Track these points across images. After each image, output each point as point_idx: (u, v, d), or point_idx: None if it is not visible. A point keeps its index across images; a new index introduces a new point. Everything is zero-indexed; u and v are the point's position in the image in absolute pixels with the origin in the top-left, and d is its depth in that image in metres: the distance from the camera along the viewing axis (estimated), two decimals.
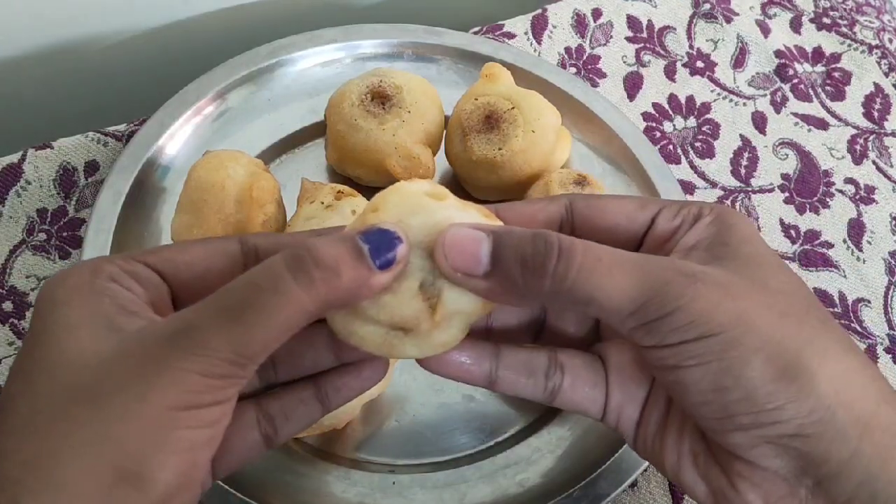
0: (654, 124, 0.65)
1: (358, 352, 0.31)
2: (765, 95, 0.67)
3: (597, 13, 0.69)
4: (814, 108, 0.67)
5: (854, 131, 0.67)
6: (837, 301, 0.58)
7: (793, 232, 0.61)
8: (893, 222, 0.63)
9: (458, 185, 0.57)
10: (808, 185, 0.63)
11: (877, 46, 0.70)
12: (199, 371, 0.25)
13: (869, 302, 0.59)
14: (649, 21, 0.70)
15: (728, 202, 0.62)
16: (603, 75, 0.66)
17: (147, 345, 0.26)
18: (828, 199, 0.63)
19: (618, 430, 0.34)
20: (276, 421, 0.32)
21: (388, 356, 0.31)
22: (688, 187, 0.62)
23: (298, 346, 0.32)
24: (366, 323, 0.29)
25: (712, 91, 0.67)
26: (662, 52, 0.68)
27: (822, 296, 0.59)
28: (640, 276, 0.28)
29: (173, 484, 0.25)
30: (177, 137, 0.55)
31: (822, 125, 0.66)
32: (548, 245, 0.28)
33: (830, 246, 0.61)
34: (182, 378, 0.25)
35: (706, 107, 0.66)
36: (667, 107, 0.66)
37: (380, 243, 0.28)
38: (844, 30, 0.71)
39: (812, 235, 0.61)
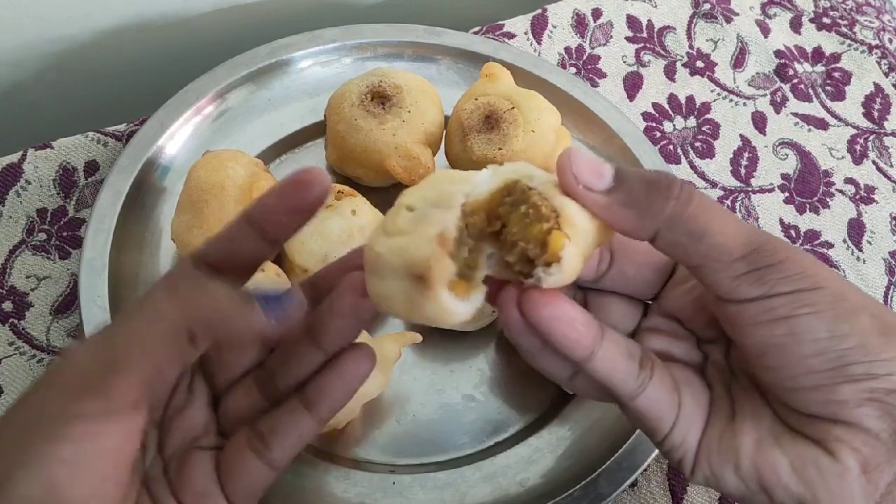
0: (654, 124, 0.65)
1: (336, 336, 0.31)
2: (765, 95, 0.67)
3: (597, 13, 0.69)
4: (814, 108, 0.67)
5: (854, 131, 0.67)
6: None
7: (793, 232, 0.61)
8: (893, 222, 0.63)
9: None
10: (808, 185, 0.63)
11: (877, 46, 0.70)
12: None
13: None
14: (649, 21, 0.70)
15: (728, 202, 0.62)
16: (603, 75, 0.66)
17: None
18: (828, 199, 0.63)
19: (681, 448, 0.31)
20: (267, 437, 0.32)
21: (425, 318, 0.28)
22: None
23: (285, 354, 0.33)
24: (384, 278, 0.28)
25: (712, 91, 0.67)
26: (662, 52, 0.68)
27: None
28: (749, 230, 0.29)
29: None
30: (177, 137, 0.55)
31: (822, 125, 0.66)
32: (670, 177, 0.29)
33: (830, 246, 0.61)
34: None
35: (706, 107, 0.66)
36: (667, 107, 0.66)
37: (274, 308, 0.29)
38: (844, 30, 0.71)
39: (812, 235, 0.61)
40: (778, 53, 0.69)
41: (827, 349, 0.28)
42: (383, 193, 0.55)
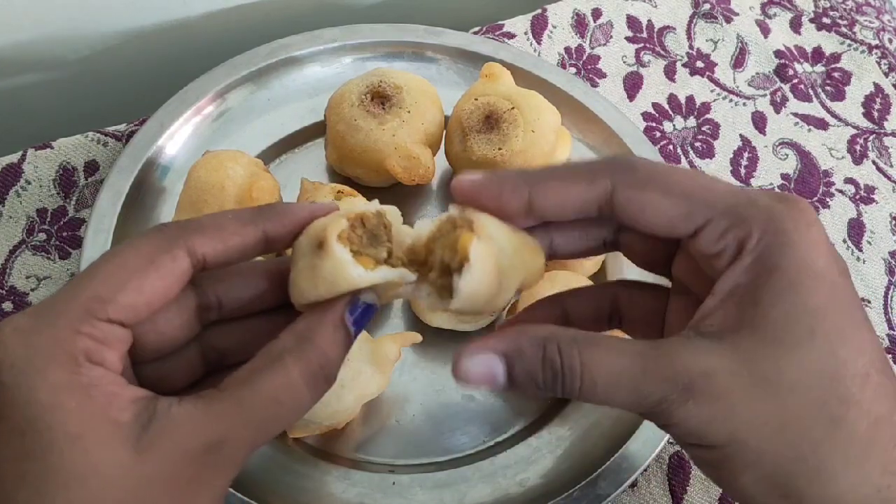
0: (654, 124, 0.65)
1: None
2: (765, 95, 0.67)
3: (597, 13, 0.69)
4: (814, 108, 0.67)
5: (854, 131, 0.67)
6: None
7: None
8: (893, 222, 0.63)
9: None
10: (808, 185, 0.63)
11: (877, 46, 0.70)
12: (229, 481, 0.27)
13: (869, 302, 0.59)
14: (649, 21, 0.70)
15: None
16: (603, 75, 0.66)
17: (176, 464, 0.26)
18: (828, 199, 0.63)
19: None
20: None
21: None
22: None
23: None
24: (296, 264, 0.30)
25: (712, 91, 0.67)
26: (662, 52, 0.68)
27: None
28: (635, 396, 0.28)
29: None
30: (177, 137, 0.55)
31: (821, 125, 0.66)
32: (554, 373, 0.29)
33: None
34: (218, 493, 0.27)
35: (706, 107, 0.66)
36: (667, 107, 0.66)
37: (362, 318, 0.30)
38: (844, 30, 0.71)
39: None
40: (778, 53, 0.69)
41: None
42: (383, 193, 0.55)
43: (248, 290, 0.32)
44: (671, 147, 0.64)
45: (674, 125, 0.65)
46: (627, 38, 0.68)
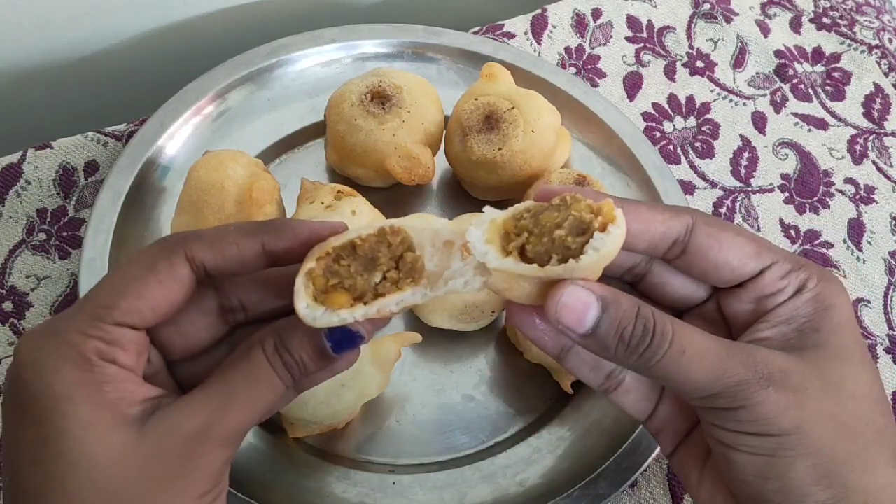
0: (654, 124, 0.65)
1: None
2: (765, 95, 0.67)
3: (597, 13, 0.69)
4: (814, 108, 0.67)
5: (854, 131, 0.67)
6: None
7: (793, 232, 0.61)
8: (893, 222, 0.63)
9: (458, 185, 0.57)
10: (807, 185, 0.63)
11: (877, 46, 0.70)
12: (223, 459, 0.30)
13: (869, 302, 0.59)
14: (649, 21, 0.70)
15: (728, 202, 0.62)
16: (603, 75, 0.66)
17: (172, 445, 0.29)
18: (828, 199, 0.63)
19: (658, 435, 0.37)
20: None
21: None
22: (688, 187, 0.62)
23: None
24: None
25: (712, 91, 0.67)
26: (662, 52, 0.68)
27: None
28: (717, 373, 0.31)
29: None
30: (177, 137, 0.55)
31: (822, 125, 0.66)
32: (645, 330, 0.31)
33: (830, 246, 0.61)
34: (214, 468, 0.30)
35: (706, 107, 0.66)
36: (667, 107, 0.66)
37: (341, 340, 0.32)
38: (844, 30, 0.71)
39: (812, 235, 0.61)
40: (778, 53, 0.69)
41: (751, 484, 0.32)
42: (383, 193, 0.55)
43: (267, 293, 0.34)
44: (671, 147, 0.63)
45: (674, 125, 0.65)
46: (627, 38, 0.68)
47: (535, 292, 0.32)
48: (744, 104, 0.67)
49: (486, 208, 0.32)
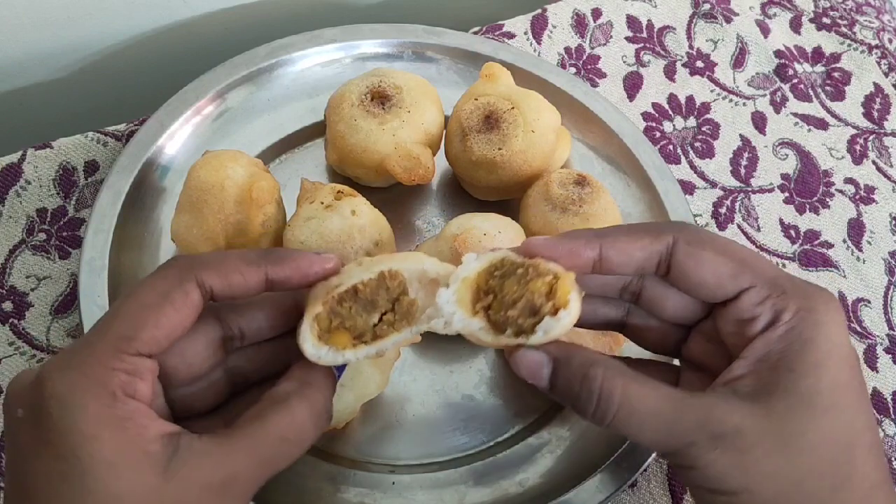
0: (653, 124, 0.65)
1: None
2: (765, 95, 0.67)
3: (596, 13, 0.69)
4: (814, 108, 0.67)
5: (854, 131, 0.67)
6: None
7: (793, 232, 0.61)
8: (893, 222, 0.63)
9: (458, 185, 0.57)
10: (807, 185, 0.63)
11: (877, 46, 0.70)
12: None
13: (869, 302, 0.59)
14: (649, 21, 0.70)
15: (728, 202, 0.62)
16: (603, 75, 0.66)
17: (196, 494, 0.30)
18: (828, 199, 0.63)
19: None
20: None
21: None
22: (688, 187, 0.62)
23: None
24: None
25: (712, 91, 0.67)
26: (662, 52, 0.68)
27: None
28: (667, 434, 0.32)
29: None
30: (177, 137, 0.55)
31: (821, 125, 0.66)
32: (591, 392, 0.33)
33: (830, 246, 0.61)
34: None
35: (706, 107, 0.66)
36: (666, 107, 0.66)
37: (342, 367, 0.36)
38: (844, 30, 0.71)
39: (812, 235, 0.61)
40: (778, 53, 0.69)
41: None
42: (383, 193, 0.55)
43: (266, 320, 0.36)
44: (671, 147, 0.64)
45: (674, 125, 0.65)
46: (627, 38, 0.68)
47: (502, 342, 0.35)
48: (744, 104, 0.67)
49: (466, 257, 0.35)
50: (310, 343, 0.33)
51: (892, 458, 0.53)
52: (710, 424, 0.32)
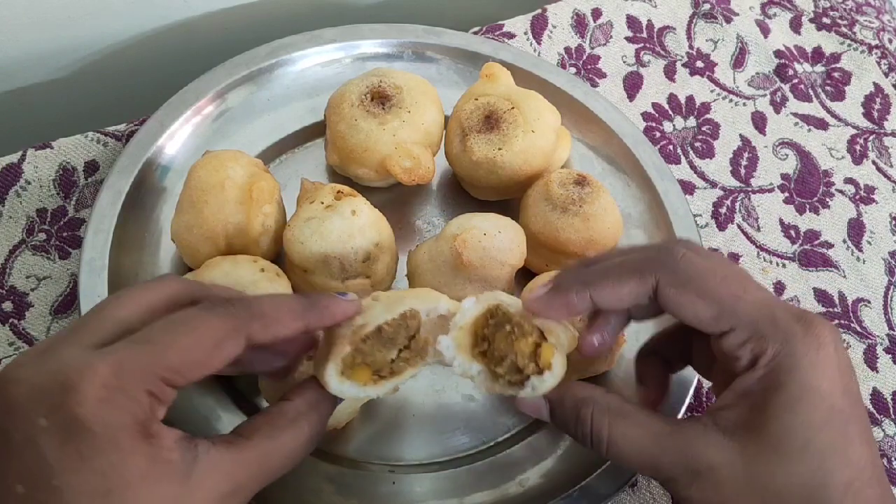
0: (653, 124, 0.65)
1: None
2: (765, 95, 0.67)
3: (596, 13, 0.69)
4: (814, 108, 0.67)
5: (854, 131, 0.67)
6: (837, 301, 0.58)
7: (793, 232, 0.61)
8: (893, 222, 0.63)
9: (458, 185, 0.57)
10: (807, 185, 0.63)
11: (877, 46, 0.71)
12: None
13: (869, 302, 0.59)
14: (649, 21, 0.70)
15: (728, 202, 0.62)
16: (603, 75, 0.66)
17: (213, 502, 0.32)
18: (828, 199, 0.63)
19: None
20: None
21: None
22: (688, 187, 0.62)
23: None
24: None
25: (712, 91, 0.67)
26: (662, 52, 0.68)
27: (822, 296, 0.59)
28: (652, 467, 0.36)
29: None
30: (177, 137, 0.55)
31: (821, 125, 0.66)
32: (584, 433, 0.37)
33: (830, 246, 0.61)
34: None
35: (706, 107, 0.66)
36: (666, 107, 0.66)
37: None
38: (844, 30, 0.71)
39: (812, 235, 0.61)
40: (778, 53, 0.69)
41: None
42: (383, 193, 0.55)
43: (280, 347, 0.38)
44: (671, 147, 0.64)
45: (674, 125, 0.65)
46: (627, 38, 0.68)
47: (497, 391, 0.38)
48: (744, 104, 0.67)
49: (464, 303, 0.38)
50: (336, 381, 0.36)
51: (893, 458, 0.53)
52: (687, 460, 0.34)
